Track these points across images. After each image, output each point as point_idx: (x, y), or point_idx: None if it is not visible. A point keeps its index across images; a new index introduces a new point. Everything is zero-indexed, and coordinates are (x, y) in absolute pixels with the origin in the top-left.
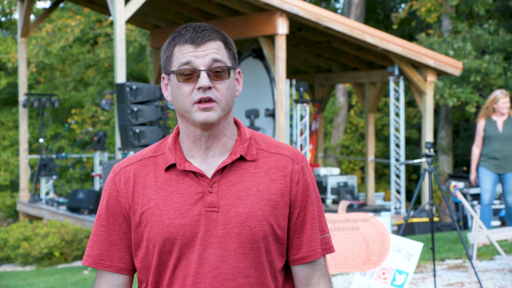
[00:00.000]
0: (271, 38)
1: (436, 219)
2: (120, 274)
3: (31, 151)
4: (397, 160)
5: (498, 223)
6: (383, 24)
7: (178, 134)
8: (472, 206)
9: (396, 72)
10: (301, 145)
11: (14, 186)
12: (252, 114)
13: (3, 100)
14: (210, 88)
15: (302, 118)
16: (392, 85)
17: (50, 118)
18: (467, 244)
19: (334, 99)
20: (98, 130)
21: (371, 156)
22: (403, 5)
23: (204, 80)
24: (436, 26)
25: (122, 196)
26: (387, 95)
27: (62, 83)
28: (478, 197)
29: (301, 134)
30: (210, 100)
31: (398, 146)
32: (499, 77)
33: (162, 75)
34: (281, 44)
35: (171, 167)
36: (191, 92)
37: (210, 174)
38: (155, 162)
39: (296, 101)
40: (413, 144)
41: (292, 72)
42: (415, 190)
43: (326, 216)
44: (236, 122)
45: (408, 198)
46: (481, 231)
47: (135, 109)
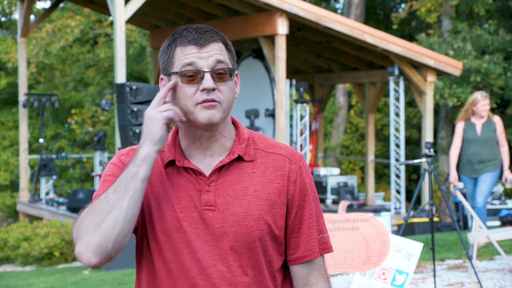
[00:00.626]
0: (271, 38)
1: (436, 219)
2: None
3: (31, 151)
4: (397, 160)
5: (498, 223)
6: (383, 24)
7: (177, 131)
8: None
9: (396, 72)
10: (301, 145)
11: (14, 186)
12: (252, 114)
13: (3, 100)
14: (213, 89)
15: (302, 118)
16: (392, 85)
17: (50, 118)
18: (467, 244)
19: (334, 99)
20: (98, 130)
21: (371, 156)
22: (403, 5)
23: (208, 81)
24: (436, 26)
25: None
26: (387, 95)
27: (62, 83)
28: None
29: (301, 134)
30: (213, 101)
31: (398, 146)
32: (499, 77)
33: (161, 76)
34: (281, 44)
35: (170, 164)
36: (194, 94)
37: (207, 173)
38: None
39: (296, 101)
40: (413, 144)
41: (292, 72)
42: (415, 190)
43: (326, 216)
44: (234, 122)
45: (408, 198)
46: (481, 231)
47: (135, 109)
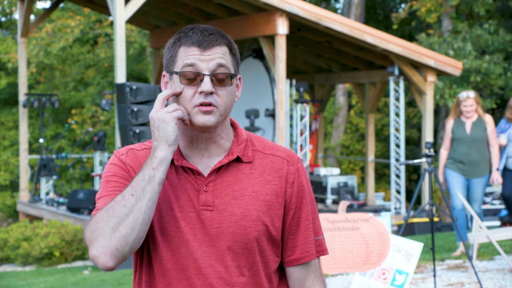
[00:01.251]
0: (271, 38)
1: (436, 219)
2: None
3: (31, 151)
4: (397, 160)
5: (498, 223)
6: (383, 24)
7: None
8: None
9: (396, 72)
10: (301, 145)
11: (14, 186)
12: (252, 114)
13: (3, 100)
14: (211, 93)
15: (302, 118)
16: (392, 85)
17: (50, 118)
18: (467, 244)
19: (334, 99)
20: (98, 130)
21: (371, 156)
22: (403, 5)
23: (207, 85)
24: (436, 26)
25: (129, 169)
26: (387, 95)
27: (62, 83)
28: None
29: (301, 134)
30: (210, 105)
31: (398, 146)
32: (499, 77)
33: (163, 72)
34: (281, 44)
35: None
36: (193, 96)
37: (206, 174)
38: None
39: (296, 101)
40: (413, 144)
41: (292, 72)
42: (415, 190)
43: (326, 216)
44: (232, 124)
45: (408, 198)
46: (481, 231)
47: (135, 109)
